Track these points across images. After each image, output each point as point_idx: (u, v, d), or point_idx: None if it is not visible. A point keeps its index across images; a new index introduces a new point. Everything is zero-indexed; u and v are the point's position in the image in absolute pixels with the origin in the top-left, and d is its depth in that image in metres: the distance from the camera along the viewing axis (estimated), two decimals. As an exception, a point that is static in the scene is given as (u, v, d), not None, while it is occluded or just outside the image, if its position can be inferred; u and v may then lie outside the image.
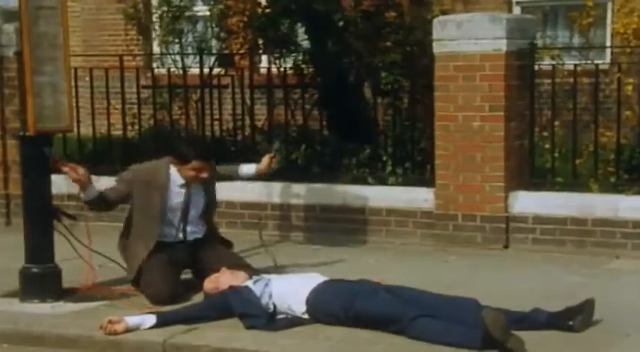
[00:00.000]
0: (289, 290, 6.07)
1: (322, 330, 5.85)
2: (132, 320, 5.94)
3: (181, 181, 6.78)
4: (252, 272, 6.59)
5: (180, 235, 6.87)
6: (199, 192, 6.89)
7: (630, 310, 6.21)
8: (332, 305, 5.90)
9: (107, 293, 6.78)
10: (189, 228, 6.89)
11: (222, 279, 6.35)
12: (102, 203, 6.78)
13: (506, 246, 8.22)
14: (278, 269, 7.17)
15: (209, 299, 6.31)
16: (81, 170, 6.55)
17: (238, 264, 6.75)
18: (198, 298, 6.58)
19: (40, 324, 6.22)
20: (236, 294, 6.10)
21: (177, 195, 6.80)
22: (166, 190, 6.76)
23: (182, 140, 6.81)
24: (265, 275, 6.38)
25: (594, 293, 6.30)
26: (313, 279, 6.17)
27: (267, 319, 5.95)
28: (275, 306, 6.03)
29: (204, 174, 6.74)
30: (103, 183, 9.54)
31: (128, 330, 5.90)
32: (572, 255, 7.90)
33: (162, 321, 5.98)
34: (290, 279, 6.27)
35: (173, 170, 6.79)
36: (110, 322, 5.89)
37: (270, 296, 6.06)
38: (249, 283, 6.20)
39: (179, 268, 6.87)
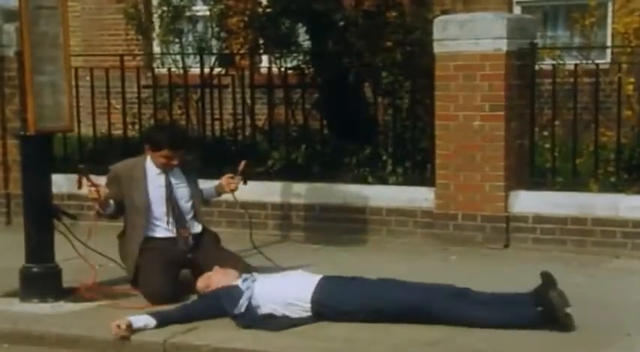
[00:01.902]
0: (277, 290, 6.09)
1: (323, 330, 5.85)
2: (136, 322, 5.96)
3: (157, 171, 6.82)
4: (247, 269, 6.61)
5: (170, 227, 6.84)
6: (181, 182, 6.90)
7: (630, 310, 6.21)
8: (345, 301, 5.93)
9: (107, 293, 6.78)
10: (179, 221, 6.89)
11: (214, 278, 6.37)
12: (117, 213, 6.86)
13: (506, 246, 8.22)
14: (277, 267, 7.15)
15: (202, 299, 6.32)
16: (102, 190, 6.63)
17: (234, 261, 6.75)
18: (195, 297, 6.60)
19: (41, 324, 6.22)
20: (227, 295, 6.12)
21: (157, 186, 6.82)
22: (145, 181, 6.79)
23: (156, 128, 6.87)
24: (255, 274, 6.40)
25: (594, 293, 6.32)
26: (305, 277, 6.20)
27: (255, 318, 5.97)
28: (259, 306, 6.05)
29: (174, 162, 6.77)
30: (104, 182, 9.60)
31: (133, 332, 5.91)
32: (572, 254, 7.90)
33: (162, 323, 6.00)
34: (276, 279, 6.27)
35: (149, 162, 6.84)
36: (118, 326, 5.89)
37: (252, 296, 6.06)
38: (239, 281, 6.22)
39: (176, 267, 6.86)
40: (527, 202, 8.19)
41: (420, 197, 8.54)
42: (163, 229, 6.85)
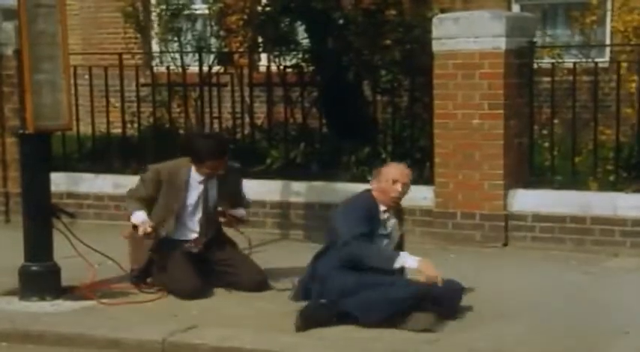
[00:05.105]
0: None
1: (322, 328, 5.84)
2: None
3: (200, 178, 6.84)
4: (262, 275, 6.79)
5: (196, 234, 6.88)
6: (213, 186, 6.92)
7: (628, 308, 6.21)
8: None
9: (107, 291, 6.78)
10: (206, 225, 6.92)
11: None
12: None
13: (505, 244, 8.22)
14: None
15: None
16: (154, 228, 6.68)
17: (248, 264, 6.87)
18: (218, 292, 6.69)
19: (40, 322, 6.22)
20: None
21: (195, 192, 6.85)
22: (186, 190, 6.80)
23: (197, 139, 6.86)
24: None
25: (593, 291, 6.30)
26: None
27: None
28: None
29: (221, 171, 6.80)
30: (103, 180, 9.62)
31: None
32: (571, 253, 7.90)
33: None
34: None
35: (194, 170, 6.84)
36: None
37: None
38: None
39: (195, 265, 6.90)
40: (526, 201, 8.19)
41: (419, 195, 8.51)
42: (188, 233, 6.88)
